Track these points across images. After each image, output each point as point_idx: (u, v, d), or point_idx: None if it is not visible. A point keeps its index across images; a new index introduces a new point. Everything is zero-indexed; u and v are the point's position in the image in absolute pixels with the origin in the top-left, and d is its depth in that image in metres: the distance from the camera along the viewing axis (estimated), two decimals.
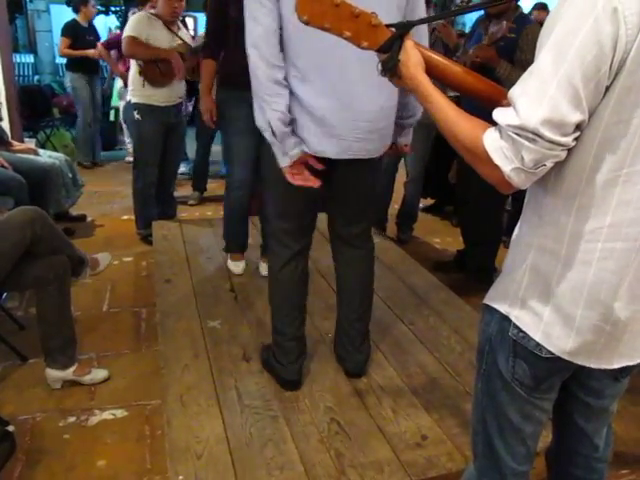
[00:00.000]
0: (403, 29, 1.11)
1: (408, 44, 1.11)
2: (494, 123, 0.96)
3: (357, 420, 2.02)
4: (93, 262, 2.59)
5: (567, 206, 0.99)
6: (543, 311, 1.05)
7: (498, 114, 0.94)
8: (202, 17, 5.51)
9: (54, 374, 2.37)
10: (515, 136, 0.90)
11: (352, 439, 1.92)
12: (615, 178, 0.94)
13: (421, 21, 1.22)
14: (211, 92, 3.05)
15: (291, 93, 1.79)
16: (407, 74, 1.10)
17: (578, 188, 0.96)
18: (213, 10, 2.84)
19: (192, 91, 4.77)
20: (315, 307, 2.70)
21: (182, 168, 5.10)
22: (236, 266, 3.21)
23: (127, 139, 6.16)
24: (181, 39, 3.86)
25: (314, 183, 1.84)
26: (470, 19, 10.07)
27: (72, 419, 2.25)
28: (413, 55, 1.10)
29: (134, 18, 3.70)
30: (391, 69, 1.12)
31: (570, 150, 0.94)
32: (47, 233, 2.21)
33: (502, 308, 1.12)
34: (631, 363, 1.09)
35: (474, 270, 3.51)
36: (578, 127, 0.91)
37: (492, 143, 0.93)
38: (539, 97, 0.88)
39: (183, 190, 5.06)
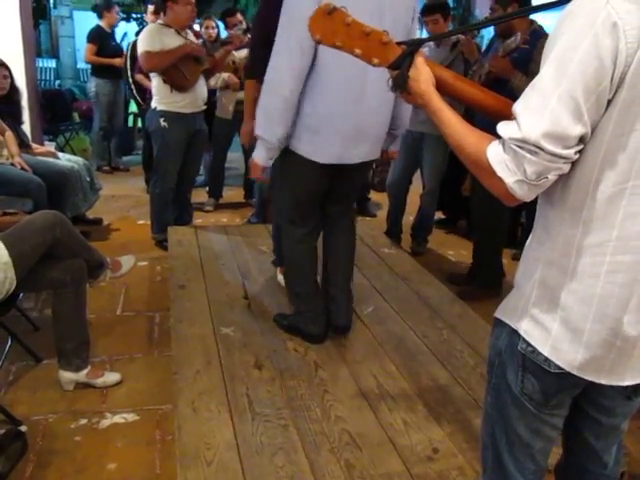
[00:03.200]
0: (414, 46, 1.14)
1: (419, 61, 1.13)
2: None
3: (368, 431, 2.00)
4: (115, 264, 2.61)
5: (574, 219, 0.99)
6: (552, 325, 1.05)
7: (501, 127, 0.96)
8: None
9: (67, 376, 2.39)
10: (517, 149, 0.92)
11: (363, 450, 1.90)
12: (621, 191, 0.94)
13: (432, 38, 1.24)
14: (254, 115, 2.95)
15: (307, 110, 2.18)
16: (417, 90, 1.13)
17: (584, 201, 0.97)
18: (260, 30, 2.81)
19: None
20: None
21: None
22: (283, 279, 3.11)
23: None
24: (194, 44, 3.91)
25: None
26: (489, 32, 10.08)
27: (84, 421, 2.26)
28: (423, 71, 1.13)
29: (145, 32, 3.73)
30: (401, 85, 1.15)
31: (575, 163, 0.95)
32: (66, 237, 2.23)
33: (512, 322, 1.12)
34: None
35: (481, 278, 3.51)
36: (581, 140, 0.92)
37: (495, 156, 0.96)
38: (540, 110, 0.90)
39: (199, 197, 5.09)
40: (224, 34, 4.97)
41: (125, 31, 6.65)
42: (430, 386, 2.30)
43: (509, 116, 1.10)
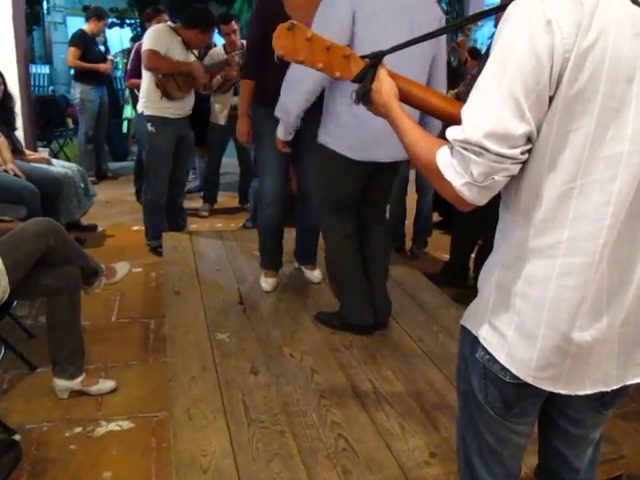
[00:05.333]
0: (376, 59, 1.16)
1: (381, 73, 1.15)
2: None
3: (365, 436, 2.00)
4: (109, 271, 2.60)
5: (526, 221, 0.98)
6: (507, 332, 1.03)
7: (449, 131, 0.95)
8: None
9: (62, 384, 2.37)
10: (463, 151, 0.91)
11: (360, 456, 1.89)
12: (569, 190, 0.93)
13: (393, 49, 1.23)
14: (249, 115, 2.96)
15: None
16: (379, 102, 1.14)
17: (535, 202, 0.96)
18: (255, 32, 2.83)
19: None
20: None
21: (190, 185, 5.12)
22: (265, 282, 3.13)
23: None
24: (195, 56, 3.92)
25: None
26: (482, 36, 10.11)
27: (78, 429, 2.25)
28: (386, 83, 1.14)
29: (154, 30, 3.74)
30: (363, 97, 1.16)
31: (524, 164, 0.94)
32: (61, 245, 2.23)
33: (473, 329, 1.11)
34: (605, 389, 1.05)
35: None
36: (529, 140, 0.91)
37: (443, 159, 0.95)
38: (481, 111, 0.90)
39: (194, 202, 5.09)
40: (219, 40, 4.98)
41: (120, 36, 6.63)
42: (426, 390, 2.29)
43: None
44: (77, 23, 8.27)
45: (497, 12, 0.98)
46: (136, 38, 8.25)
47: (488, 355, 1.05)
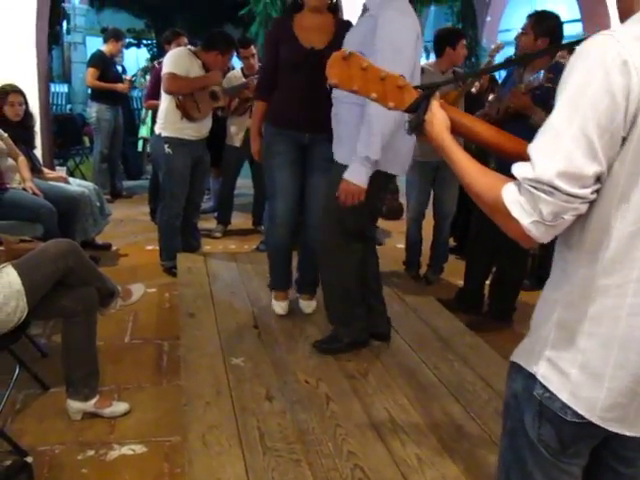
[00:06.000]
0: (429, 90, 1.17)
1: (434, 104, 1.16)
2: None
3: (381, 467, 1.97)
4: (125, 293, 2.61)
5: (592, 260, 0.97)
6: (570, 370, 1.01)
7: (516, 168, 0.95)
8: None
9: (75, 405, 2.36)
10: (532, 189, 0.91)
11: None
12: (639, 230, 0.93)
13: (446, 82, 1.26)
14: (261, 134, 3.00)
15: None
16: (432, 133, 1.15)
17: (602, 242, 0.95)
18: (271, 53, 2.88)
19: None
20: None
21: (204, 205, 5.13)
22: (277, 305, 3.12)
23: None
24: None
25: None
26: (500, 57, 10.16)
27: (91, 452, 2.23)
28: (438, 115, 1.15)
29: (174, 54, 3.80)
30: (416, 128, 1.17)
31: (592, 203, 0.93)
32: (79, 266, 2.23)
33: (528, 366, 1.09)
34: None
35: (495, 310, 3.48)
36: (598, 179, 0.91)
37: (511, 196, 0.95)
38: (553, 149, 0.90)
39: (207, 223, 5.10)
40: (237, 63, 5.03)
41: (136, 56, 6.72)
42: (443, 420, 2.26)
43: (527, 158, 1.12)
44: (96, 43, 8.42)
45: (569, 47, 0.99)
46: (153, 58, 8.38)
47: (548, 392, 1.04)
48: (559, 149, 0.89)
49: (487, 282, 3.66)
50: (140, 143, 7.10)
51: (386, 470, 1.96)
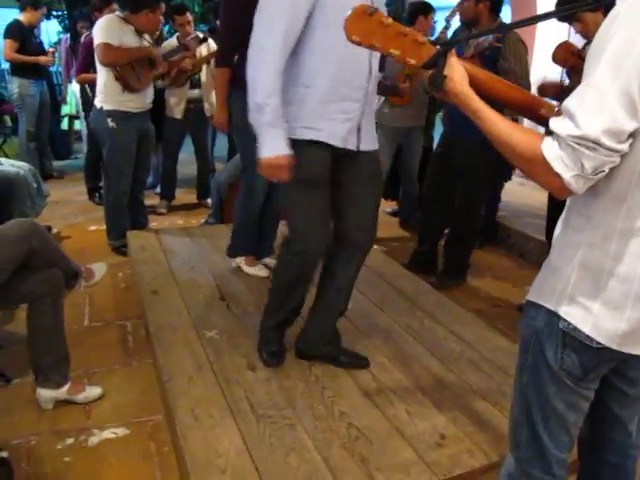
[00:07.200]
0: (447, 46, 1.16)
1: (453, 60, 1.16)
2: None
3: (374, 424, 2.00)
4: (88, 273, 2.47)
5: (617, 207, 1.04)
6: (593, 306, 1.09)
7: (557, 125, 0.99)
8: None
9: (47, 394, 2.24)
10: (576, 145, 0.96)
11: (374, 443, 1.90)
12: None
13: (467, 37, 1.25)
14: (226, 103, 2.89)
15: None
16: (454, 89, 1.15)
17: (628, 189, 1.02)
18: (230, 17, 2.75)
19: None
20: None
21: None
22: (261, 270, 3.21)
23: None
24: (149, 43, 3.78)
25: None
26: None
27: (70, 440, 2.13)
28: (458, 70, 1.15)
29: (104, 22, 3.56)
30: (439, 85, 1.16)
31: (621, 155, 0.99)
32: (43, 247, 2.09)
33: (549, 304, 1.16)
34: None
35: (452, 269, 3.59)
36: (631, 134, 0.96)
37: (551, 152, 0.99)
38: (598, 107, 0.94)
39: (150, 199, 4.91)
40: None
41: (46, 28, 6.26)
42: (424, 375, 2.33)
43: (538, 111, 1.17)
44: (10, 14, 7.77)
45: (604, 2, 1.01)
46: (66, 31, 7.85)
47: (572, 325, 1.12)
48: (604, 107, 0.94)
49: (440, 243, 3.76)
50: (66, 121, 6.73)
51: (380, 426, 2.00)
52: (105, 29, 3.51)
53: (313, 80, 1.93)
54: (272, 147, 1.89)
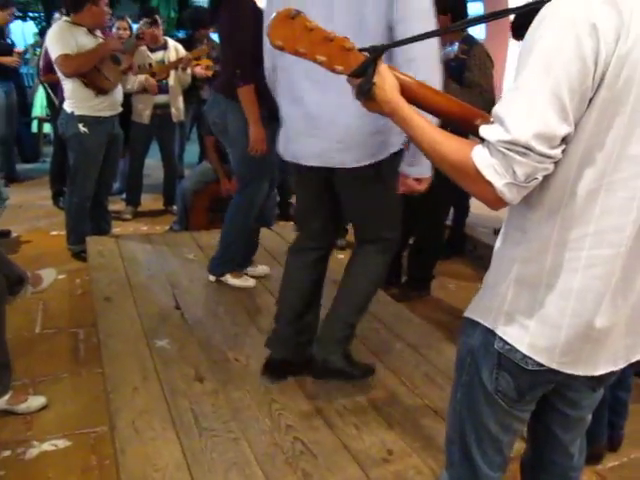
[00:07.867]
0: (376, 53, 1.10)
1: (382, 67, 1.10)
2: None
3: (321, 438, 1.96)
4: (35, 279, 2.40)
5: (551, 218, 1.00)
6: (529, 323, 1.05)
7: (486, 131, 0.95)
8: None
9: None
10: (506, 151, 0.91)
11: (318, 458, 1.86)
12: (597, 187, 0.96)
13: (395, 44, 1.20)
14: (260, 120, 2.73)
15: None
16: (384, 97, 1.09)
17: (562, 200, 0.98)
18: (247, 31, 2.61)
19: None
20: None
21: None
22: (249, 281, 3.18)
23: None
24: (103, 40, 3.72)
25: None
26: None
27: (7, 453, 2.06)
28: (388, 78, 1.10)
29: (56, 33, 3.46)
30: (366, 93, 1.10)
31: (555, 163, 0.95)
32: None
33: (486, 322, 1.12)
34: (614, 368, 1.10)
35: (415, 280, 3.57)
36: (564, 140, 0.93)
37: (482, 160, 0.94)
38: (528, 111, 0.91)
39: (115, 205, 4.84)
40: None
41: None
42: (377, 387, 2.29)
43: (473, 122, 1.10)
44: None
45: (537, 5, 0.97)
46: (41, 32, 7.74)
47: (508, 345, 1.08)
48: (534, 111, 0.90)
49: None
50: (35, 123, 6.61)
51: (326, 440, 1.96)
52: (59, 39, 3.42)
53: None
54: None
